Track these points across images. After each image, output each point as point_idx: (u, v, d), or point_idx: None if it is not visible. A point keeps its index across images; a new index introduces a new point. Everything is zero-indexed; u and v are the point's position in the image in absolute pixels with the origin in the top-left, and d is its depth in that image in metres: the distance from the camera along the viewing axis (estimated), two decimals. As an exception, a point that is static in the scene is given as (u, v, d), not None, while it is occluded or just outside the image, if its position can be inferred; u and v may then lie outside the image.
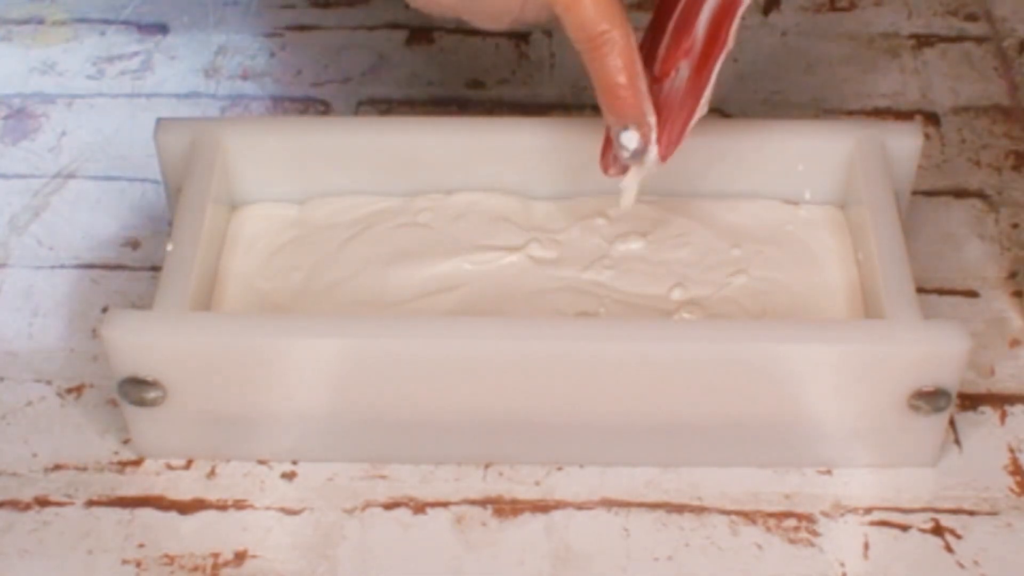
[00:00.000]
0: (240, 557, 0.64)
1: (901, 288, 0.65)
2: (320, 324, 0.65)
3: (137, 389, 0.64)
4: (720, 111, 0.83)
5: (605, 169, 0.69)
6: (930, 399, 0.64)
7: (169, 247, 0.67)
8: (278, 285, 0.70)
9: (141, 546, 0.64)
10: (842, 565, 0.64)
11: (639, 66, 0.65)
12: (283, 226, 0.73)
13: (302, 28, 0.89)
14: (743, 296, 0.70)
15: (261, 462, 0.67)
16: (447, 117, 0.81)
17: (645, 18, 0.69)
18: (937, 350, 0.63)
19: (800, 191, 0.73)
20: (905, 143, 0.71)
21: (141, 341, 0.63)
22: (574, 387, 0.64)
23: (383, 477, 0.67)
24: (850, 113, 0.84)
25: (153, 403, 0.65)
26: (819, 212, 0.73)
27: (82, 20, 0.90)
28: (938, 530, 0.65)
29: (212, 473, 0.67)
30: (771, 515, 0.65)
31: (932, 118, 0.83)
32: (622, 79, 0.65)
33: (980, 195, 0.79)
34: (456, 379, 0.64)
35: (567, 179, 0.73)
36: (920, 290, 0.73)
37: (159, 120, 0.72)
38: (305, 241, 0.72)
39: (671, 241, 0.72)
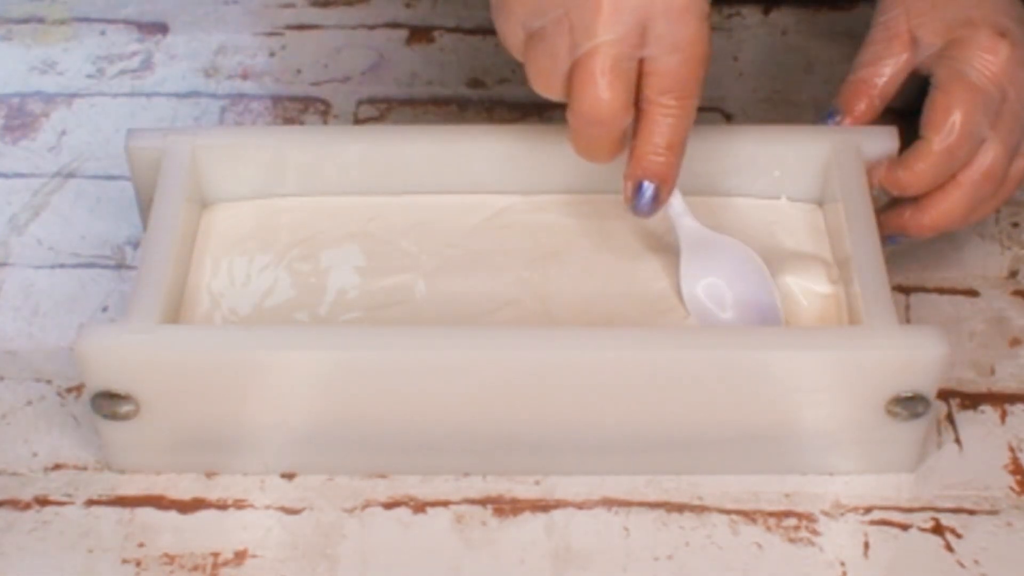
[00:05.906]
0: (240, 557, 0.64)
1: (877, 293, 0.65)
2: (298, 335, 0.65)
3: (111, 403, 0.64)
4: (720, 110, 0.83)
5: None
6: (908, 405, 0.64)
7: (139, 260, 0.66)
8: (249, 295, 0.69)
9: (141, 546, 0.64)
10: (842, 564, 0.64)
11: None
12: (255, 235, 0.72)
13: (302, 28, 0.89)
14: None
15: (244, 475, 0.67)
16: (416, 125, 0.80)
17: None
18: (914, 356, 0.63)
19: (777, 195, 0.73)
20: (880, 146, 0.71)
21: (111, 355, 0.63)
22: (560, 398, 0.64)
23: (383, 476, 0.67)
24: (850, 112, 0.83)
25: (125, 416, 0.64)
26: (798, 216, 0.73)
27: (82, 20, 0.90)
28: (938, 529, 0.65)
29: (212, 472, 0.67)
30: (771, 514, 0.65)
31: (932, 117, 0.83)
32: (677, 140, 0.64)
33: (980, 194, 0.79)
34: (447, 391, 0.64)
35: (534, 179, 0.73)
36: (920, 289, 0.73)
37: (129, 130, 0.72)
38: (278, 250, 0.71)
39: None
